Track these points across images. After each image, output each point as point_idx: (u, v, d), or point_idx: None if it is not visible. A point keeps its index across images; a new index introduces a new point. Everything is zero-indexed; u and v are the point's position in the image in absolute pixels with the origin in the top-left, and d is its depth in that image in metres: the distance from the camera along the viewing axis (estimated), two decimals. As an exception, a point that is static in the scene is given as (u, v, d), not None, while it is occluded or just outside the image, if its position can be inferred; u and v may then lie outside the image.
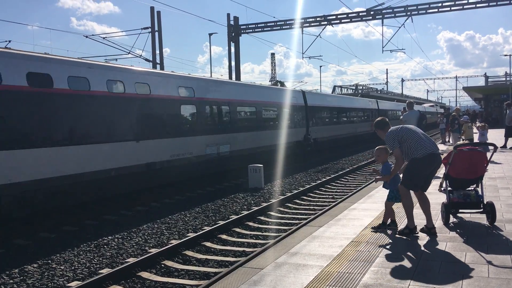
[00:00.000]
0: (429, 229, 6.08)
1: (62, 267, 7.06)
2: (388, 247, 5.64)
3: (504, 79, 54.81)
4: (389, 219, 6.50)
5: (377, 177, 6.49)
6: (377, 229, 6.44)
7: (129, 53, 26.56)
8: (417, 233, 6.07)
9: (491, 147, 6.81)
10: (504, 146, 18.23)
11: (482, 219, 6.71)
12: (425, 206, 6.10)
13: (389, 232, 6.30)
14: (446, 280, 4.42)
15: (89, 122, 10.55)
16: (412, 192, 6.12)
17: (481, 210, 6.54)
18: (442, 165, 6.73)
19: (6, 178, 8.63)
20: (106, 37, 26.24)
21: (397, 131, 5.99)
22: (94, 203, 11.12)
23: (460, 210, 6.84)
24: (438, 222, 6.58)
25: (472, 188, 6.73)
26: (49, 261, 7.33)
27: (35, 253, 7.80)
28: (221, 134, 15.76)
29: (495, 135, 19.70)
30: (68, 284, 6.34)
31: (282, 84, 25.28)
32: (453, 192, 6.66)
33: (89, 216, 10.32)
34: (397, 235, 6.11)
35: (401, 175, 6.22)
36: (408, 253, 5.34)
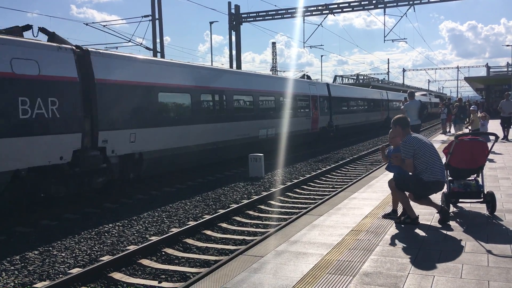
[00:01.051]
0: (441, 212, 6.09)
1: (63, 254, 7.09)
2: (388, 236, 5.65)
3: (505, 69, 54.64)
4: (396, 208, 6.57)
5: (390, 153, 6.49)
6: (387, 216, 6.48)
7: (129, 41, 26.49)
8: (419, 223, 6.09)
9: (492, 137, 6.81)
10: (505, 138, 18.02)
11: (482, 208, 6.72)
12: (424, 202, 6.20)
13: (392, 221, 6.32)
14: (446, 269, 4.44)
15: None
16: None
17: (482, 200, 6.56)
18: (443, 154, 6.75)
19: None
20: (106, 25, 26.17)
21: (415, 143, 5.97)
22: (95, 192, 11.13)
23: (461, 200, 6.86)
24: (438, 212, 6.59)
25: (473, 178, 6.75)
26: (50, 248, 7.36)
27: (36, 240, 7.84)
28: None
29: (497, 126, 19.63)
30: (69, 271, 6.37)
31: (53, 38, 10.21)
32: (453, 181, 6.68)
33: (90, 205, 10.35)
34: (397, 224, 6.12)
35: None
36: (408, 242, 5.35)
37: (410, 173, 6.12)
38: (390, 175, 6.62)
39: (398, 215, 6.42)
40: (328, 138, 25.27)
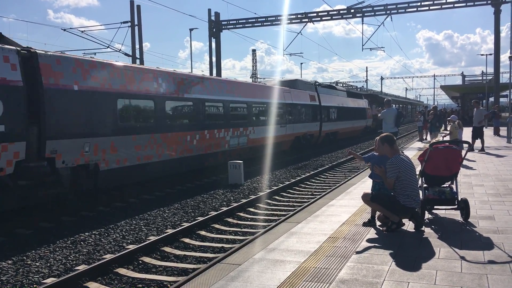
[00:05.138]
0: (412, 218, 6.29)
1: (37, 264, 6.95)
2: (364, 242, 5.71)
3: (480, 78, 55.95)
4: (374, 215, 6.64)
5: (373, 160, 6.51)
6: (367, 224, 6.55)
7: (108, 47, 26.32)
8: (404, 224, 6.19)
9: (465, 145, 6.95)
10: (482, 149, 16.89)
11: (456, 215, 6.85)
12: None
13: (369, 228, 6.38)
14: (420, 275, 4.50)
15: None
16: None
17: (456, 206, 6.68)
18: (418, 162, 6.88)
19: None
20: (84, 31, 25.96)
21: (401, 165, 6.04)
22: (72, 199, 10.96)
23: (435, 207, 6.98)
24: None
25: (447, 185, 6.88)
26: (24, 258, 7.21)
27: (10, 249, 7.66)
28: None
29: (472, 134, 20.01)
30: (44, 281, 6.25)
31: None
32: (428, 189, 6.80)
33: (66, 212, 10.18)
34: (385, 232, 6.15)
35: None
36: (384, 249, 5.42)
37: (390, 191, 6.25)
38: (369, 181, 6.71)
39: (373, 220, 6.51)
40: (305, 146, 24.84)
